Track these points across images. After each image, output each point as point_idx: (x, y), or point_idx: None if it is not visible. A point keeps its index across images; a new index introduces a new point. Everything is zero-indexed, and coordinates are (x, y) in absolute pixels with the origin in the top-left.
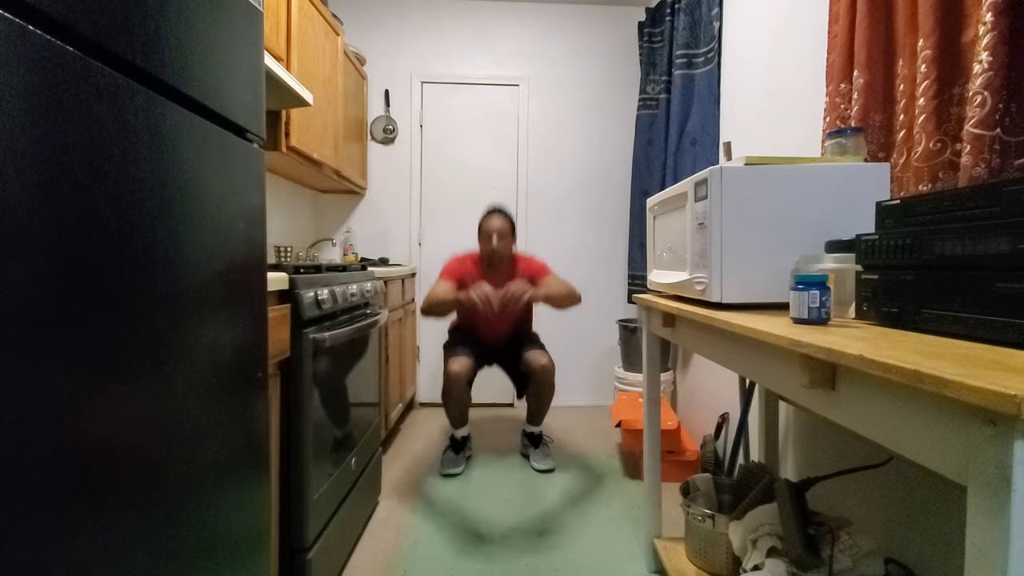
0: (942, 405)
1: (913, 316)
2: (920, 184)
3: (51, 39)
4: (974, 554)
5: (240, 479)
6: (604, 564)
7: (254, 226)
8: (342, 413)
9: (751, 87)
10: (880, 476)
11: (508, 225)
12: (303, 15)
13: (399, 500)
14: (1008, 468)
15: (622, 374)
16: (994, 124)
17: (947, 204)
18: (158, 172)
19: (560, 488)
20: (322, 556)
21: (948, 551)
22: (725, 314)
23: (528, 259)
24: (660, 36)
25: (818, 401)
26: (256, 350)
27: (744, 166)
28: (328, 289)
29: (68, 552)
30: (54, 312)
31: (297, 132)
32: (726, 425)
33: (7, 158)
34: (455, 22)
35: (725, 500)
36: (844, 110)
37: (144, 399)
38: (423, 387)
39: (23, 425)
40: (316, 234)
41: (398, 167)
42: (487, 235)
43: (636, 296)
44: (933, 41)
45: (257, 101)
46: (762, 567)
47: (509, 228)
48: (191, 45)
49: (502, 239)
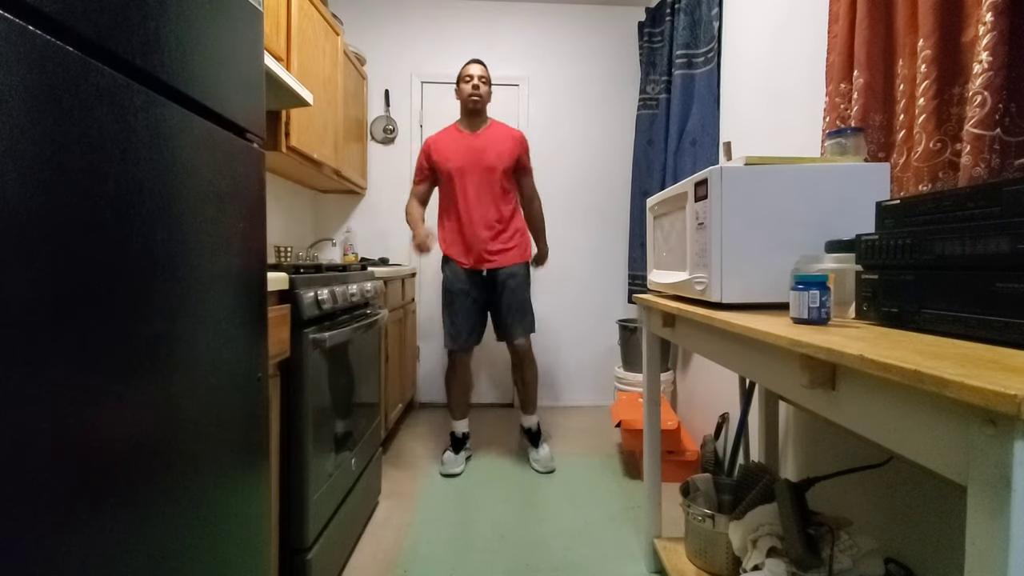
0: (942, 405)
1: (913, 316)
2: (920, 184)
3: (51, 39)
4: (974, 554)
5: (240, 479)
6: (604, 564)
7: (254, 226)
8: (342, 413)
9: (751, 87)
10: (880, 476)
11: (487, 73)
12: (303, 15)
13: (399, 500)
14: (1008, 468)
15: (622, 374)
16: (994, 124)
17: (947, 204)
18: (158, 172)
19: (560, 488)
20: (322, 556)
21: (948, 551)
22: (725, 314)
23: (506, 126)
24: (660, 36)
25: (818, 401)
26: (256, 350)
27: (744, 166)
28: (328, 289)
29: (68, 552)
30: (54, 312)
31: (297, 132)
32: (726, 425)
33: (7, 158)
34: (455, 22)
35: (725, 500)
36: (844, 110)
37: (144, 399)
38: (423, 387)
39: (23, 425)
40: (316, 234)
41: (398, 167)
42: (467, 77)
43: (636, 296)
44: (933, 41)
45: (257, 101)
46: (762, 567)
47: (488, 76)
48: (191, 45)
49: (483, 83)
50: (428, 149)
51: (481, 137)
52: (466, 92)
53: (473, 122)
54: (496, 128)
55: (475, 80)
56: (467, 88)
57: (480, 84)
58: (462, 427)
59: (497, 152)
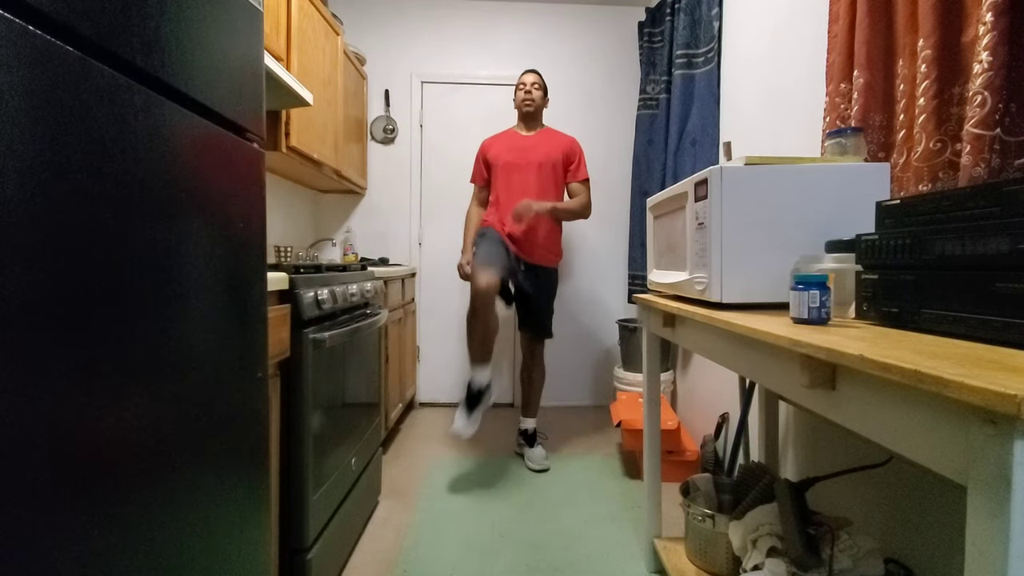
0: (942, 405)
1: (913, 316)
2: (920, 184)
3: (51, 39)
4: (974, 554)
5: (240, 479)
6: (604, 564)
7: (254, 226)
8: (342, 413)
9: (751, 87)
10: (880, 476)
11: (542, 81)
12: (303, 15)
13: (399, 500)
14: (1008, 468)
15: (622, 374)
16: (994, 124)
17: (947, 204)
18: (158, 172)
19: (560, 488)
20: (322, 556)
21: (948, 551)
22: (725, 314)
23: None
24: (660, 36)
25: (818, 401)
26: (256, 350)
27: (744, 166)
28: (328, 289)
29: (67, 552)
30: (54, 312)
31: (297, 132)
32: (726, 425)
33: (7, 158)
34: (455, 22)
35: (725, 500)
36: (844, 110)
37: (144, 399)
38: (423, 387)
39: (23, 425)
40: (316, 234)
41: (398, 167)
42: (521, 85)
43: (636, 296)
44: (933, 41)
45: (257, 101)
46: (762, 567)
47: (543, 84)
48: (191, 45)
49: (536, 89)
50: (484, 149)
51: (533, 138)
52: (519, 98)
53: (528, 125)
54: (550, 132)
55: (528, 87)
56: (520, 94)
57: (532, 90)
58: (481, 378)
59: (545, 151)
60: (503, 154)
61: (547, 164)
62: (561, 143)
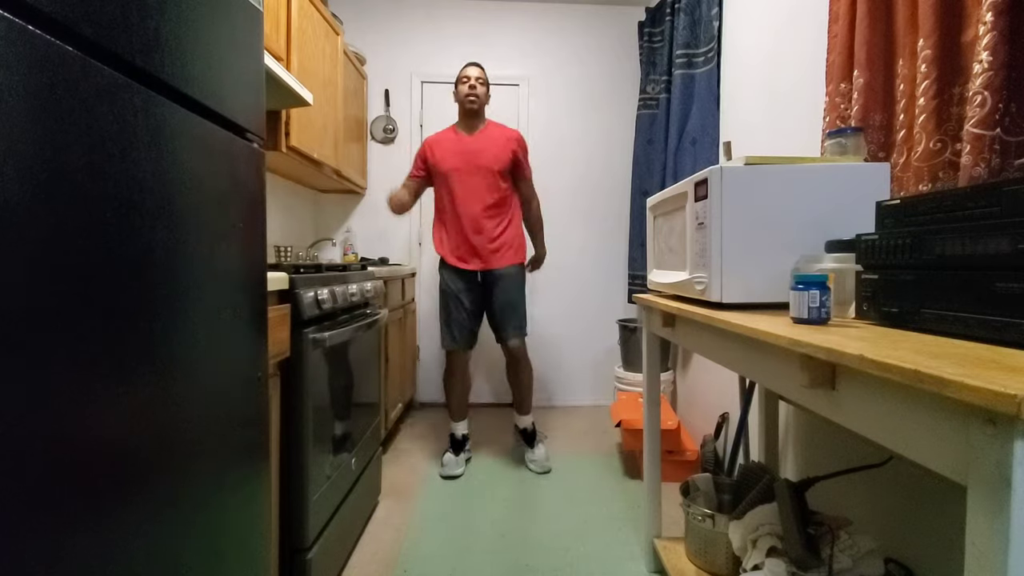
0: (942, 405)
1: (913, 316)
2: (920, 184)
3: (51, 39)
4: (974, 554)
5: (240, 479)
6: (604, 564)
7: (254, 226)
8: (342, 413)
9: (751, 87)
10: (880, 476)
11: (485, 75)
12: (303, 15)
13: (399, 500)
14: (1008, 468)
15: (622, 374)
16: (994, 124)
17: (947, 204)
18: (158, 172)
19: (560, 488)
20: (322, 556)
21: (948, 551)
22: (725, 314)
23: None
24: (660, 36)
25: (818, 401)
26: (256, 350)
27: (744, 166)
28: (328, 289)
29: (67, 552)
30: (54, 312)
31: (297, 132)
32: (726, 425)
33: (7, 158)
34: (455, 22)
35: (725, 500)
36: (844, 110)
37: (144, 399)
38: (423, 387)
39: (23, 425)
40: (316, 234)
41: (398, 167)
42: (464, 79)
43: (636, 296)
44: (933, 41)
45: (257, 101)
46: (762, 567)
47: (485, 78)
48: (191, 45)
49: (480, 84)
50: (427, 148)
51: (477, 139)
52: (463, 93)
53: (470, 124)
54: (493, 129)
55: (472, 81)
56: (464, 89)
57: (477, 85)
58: (461, 428)
59: (493, 154)
60: (448, 159)
61: (495, 168)
62: (507, 143)
